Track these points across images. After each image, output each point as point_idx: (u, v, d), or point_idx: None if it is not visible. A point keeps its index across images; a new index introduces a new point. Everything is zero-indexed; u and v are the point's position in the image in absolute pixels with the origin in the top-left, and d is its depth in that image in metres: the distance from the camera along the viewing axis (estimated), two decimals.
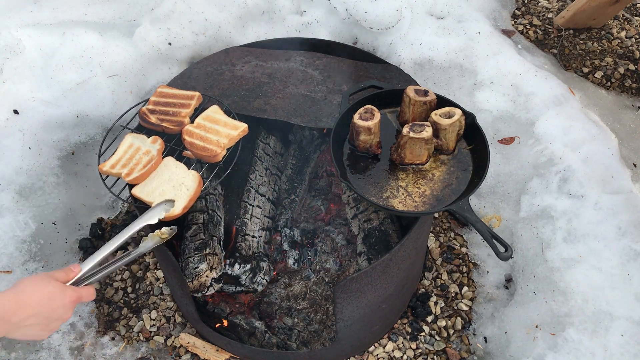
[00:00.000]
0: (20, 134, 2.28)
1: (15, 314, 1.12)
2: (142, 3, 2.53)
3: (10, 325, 1.12)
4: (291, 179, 2.28)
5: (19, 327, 1.14)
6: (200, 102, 1.92)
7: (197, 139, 1.77)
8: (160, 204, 1.54)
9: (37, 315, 1.16)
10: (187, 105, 1.88)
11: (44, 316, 1.18)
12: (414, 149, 1.68)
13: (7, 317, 1.10)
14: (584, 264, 1.95)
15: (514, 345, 1.95)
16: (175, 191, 1.64)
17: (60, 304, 1.20)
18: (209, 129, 1.80)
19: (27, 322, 1.15)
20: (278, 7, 2.70)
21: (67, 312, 1.23)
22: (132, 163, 1.73)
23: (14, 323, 1.12)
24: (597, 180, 2.14)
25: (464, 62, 2.60)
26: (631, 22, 3.26)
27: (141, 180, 1.69)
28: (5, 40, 2.31)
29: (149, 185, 1.67)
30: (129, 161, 1.75)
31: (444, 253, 2.30)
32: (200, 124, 1.82)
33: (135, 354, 2.07)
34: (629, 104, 2.85)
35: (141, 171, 1.69)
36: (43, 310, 1.17)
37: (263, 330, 1.98)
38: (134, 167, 1.72)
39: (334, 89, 2.04)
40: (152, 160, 1.72)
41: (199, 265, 1.82)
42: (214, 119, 1.83)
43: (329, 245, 2.13)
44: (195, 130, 1.79)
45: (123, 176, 1.70)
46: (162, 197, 1.62)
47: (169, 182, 1.66)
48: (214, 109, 1.87)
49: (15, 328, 1.13)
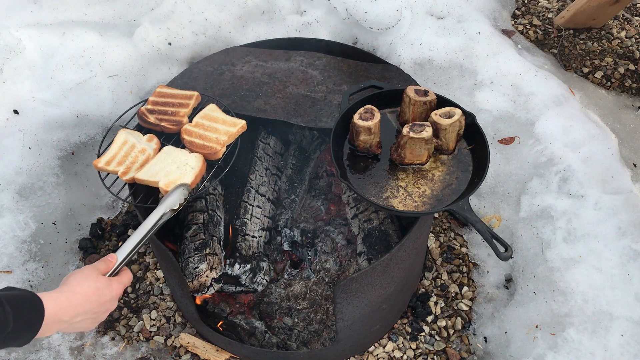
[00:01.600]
0: (20, 134, 2.28)
1: (68, 313, 1.15)
2: (142, 3, 2.53)
3: (63, 324, 1.15)
4: (291, 179, 2.28)
5: (70, 325, 1.18)
6: (198, 102, 1.92)
7: (196, 138, 1.77)
8: (177, 188, 1.53)
9: (87, 312, 1.20)
10: (186, 105, 1.88)
11: (94, 311, 1.22)
12: (414, 149, 1.68)
13: (59, 316, 1.13)
14: (584, 264, 1.95)
15: (514, 345, 1.95)
16: (180, 171, 1.66)
17: (108, 299, 1.25)
18: (207, 127, 1.80)
19: (78, 319, 1.19)
20: (278, 7, 2.70)
21: (114, 304, 1.28)
22: (128, 161, 1.73)
23: (66, 321, 1.16)
24: (597, 180, 2.14)
25: (464, 62, 2.60)
26: (631, 22, 3.26)
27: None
28: (5, 40, 2.31)
29: (152, 169, 1.68)
30: (124, 159, 1.74)
31: (444, 253, 2.30)
32: (198, 123, 1.82)
33: (135, 354, 2.07)
34: (629, 104, 2.84)
35: (138, 171, 1.69)
36: (93, 307, 1.21)
37: (263, 330, 1.98)
38: (130, 165, 1.72)
39: (334, 89, 2.04)
40: (149, 160, 1.72)
41: (199, 265, 1.82)
42: (212, 117, 1.84)
43: (329, 245, 2.13)
44: (194, 129, 1.79)
45: (120, 175, 1.70)
46: (168, 177, 1.64)
47: (172, 164, 1.68)
48: (212, 107, 1.87)
49: (67, 326, 1.17)
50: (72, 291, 1.18)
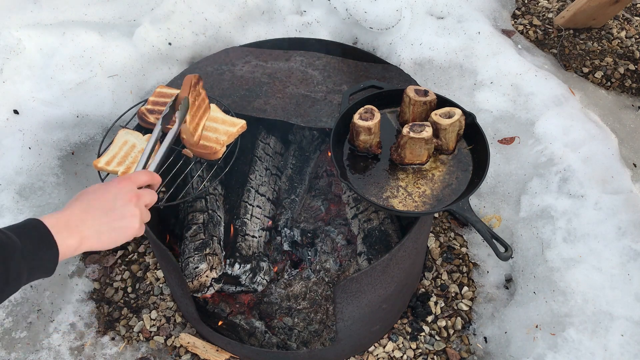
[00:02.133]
0: (20, 134, 2.28)
1: (72, 214, 1.09)
2: (142, 3, 2.53)
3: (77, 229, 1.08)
4: (291, 179, 2.28)
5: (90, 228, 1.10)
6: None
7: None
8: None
9: (95, 207, 1.12)
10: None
11: (105, 207, 1.13)
12: (414, 149, 1.68)
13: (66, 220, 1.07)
14: (584, 264, 1.95)
15: (514, 345, 1.95)
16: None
17: (114, 191, 1.16)
18: (207, 127, 1.80)
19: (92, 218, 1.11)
20: (278, 7, 2.70)
21: (126, 203, 1.16)
22: (129, 161, 1.73)
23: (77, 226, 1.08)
24: (597, 180, 2.14)
25: (464, 62, 2.60)
26: (631, 22, 3.26)
27: None
28: (5, 40, 2.31)
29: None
30: (124, 159, 1.74)
31: (444, 253, 2.30)
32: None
33: (135, 354, 2.07)
34: (629, 104, 2.84)
35: None
36: (99, 200, 1.13)
37: (263, 330, 1.98)
38: (130, 165, 1.72)
39: (334, 89, 2.04)
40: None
41: (199, 265, 1.82)
42: (212, 117, 1.83)
43: (329, 245, 2.13)
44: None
45: (120, 175, 1.70)
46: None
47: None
48: (212, 107, 1.87)
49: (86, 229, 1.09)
50: (70, 201, 1.14)
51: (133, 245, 2.38)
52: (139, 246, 2.38)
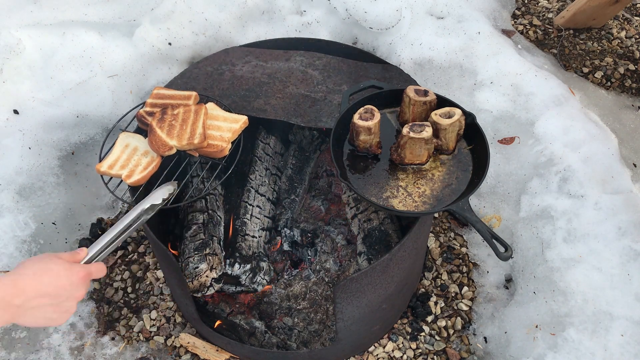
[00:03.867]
0: (20, 134, 2.28)
1: (17, 295, 1.04)
2: (142, 3, 2.53)
3: (15, 309, 1.04)
4: (291, 179, 2.28)
5: (25, 310, 1.06)
6: (197, 102, 1.92)
7: None
8: (163, 186, 1.53)
9: (42, 295, 1.08)
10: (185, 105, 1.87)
11: (52, 295, 1.10)
12: (414, 149, 1.68)
13: (7, 298, 1.02)
14: (584, 264, 1.95)
15: (514, 345, 1.95)
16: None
17: (66, 282, 1.12)
18: (209, 125, 1.79)
19: (34, 304, 1.07)
20: (278, 7, 2.70)
21: (78, 289, 1.15)
22: (132, 164, 1.72)
23: (18, 305, 1.05)
24: (597, 180, 2.14)
25: (464, 62, 2.60)
26: (631, 22, 3.26)
27: (143, 182, 1.68)
28: (5, 40, 2.31)
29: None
30: (127, 162, 1.73)
31: (444, 253, 2.30)
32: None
33: (135, 354, 2.07)
34: (629, 104, 2.85)
35: (142, 173, 1.68)
36: (48, 289, 1.09)
37: (263, 330, 1.98)
38: (133, 168, 1.71)
39: (334, 89, 2.04)
40: (153, 162, 1.71)
41: (199, 265, 1.82)
42: (213, 115, 1.83)
43: (329, 245, 2.14)
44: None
45: (123, 178, 1.69)
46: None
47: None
48: (211, 105, 1.86)
49: (21, 311, 1.05)
50: (19, 273, 1.07)
51: (133, 245, 2.38)
52: (139, 246, 2.38)
